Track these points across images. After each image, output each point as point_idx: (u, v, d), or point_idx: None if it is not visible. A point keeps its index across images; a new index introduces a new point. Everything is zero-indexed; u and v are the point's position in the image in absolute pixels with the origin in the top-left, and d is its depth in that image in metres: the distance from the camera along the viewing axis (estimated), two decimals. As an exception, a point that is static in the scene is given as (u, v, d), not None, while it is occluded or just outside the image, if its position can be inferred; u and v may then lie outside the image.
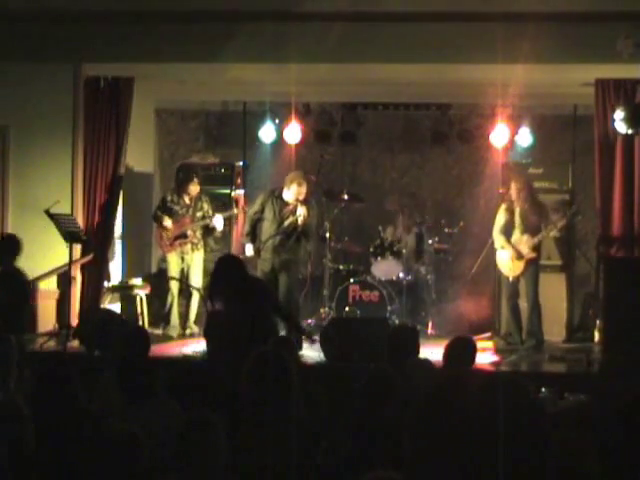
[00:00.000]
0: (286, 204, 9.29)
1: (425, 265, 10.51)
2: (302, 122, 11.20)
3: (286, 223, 9.26)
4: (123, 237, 10.96)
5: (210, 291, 7.48)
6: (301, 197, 9.26)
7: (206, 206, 9.91)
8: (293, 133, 11.11)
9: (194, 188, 9.86)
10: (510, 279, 9.49)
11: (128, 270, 10.94)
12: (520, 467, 2.35)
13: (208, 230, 9.96)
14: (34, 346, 8.37)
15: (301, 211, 9.21)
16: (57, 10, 9.20)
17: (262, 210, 9.38)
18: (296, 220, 9.21)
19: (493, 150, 11.18)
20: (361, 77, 10.03)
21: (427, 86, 10.39)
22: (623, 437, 3.88)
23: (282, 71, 9.61)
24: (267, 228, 9.33)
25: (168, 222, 9.75)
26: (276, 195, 9.36)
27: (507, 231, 9.45)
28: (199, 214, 9.83)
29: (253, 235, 9.44)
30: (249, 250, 9.41)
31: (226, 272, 7.05)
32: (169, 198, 9.92)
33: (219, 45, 9.05)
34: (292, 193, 9.26)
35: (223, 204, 10.62)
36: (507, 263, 9.42)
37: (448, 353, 5.83)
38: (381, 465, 3.65)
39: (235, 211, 10.46)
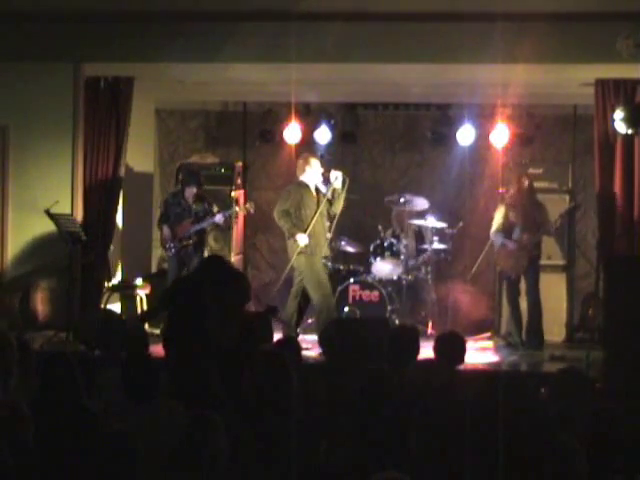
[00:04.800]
0: (317, 185, 9.37)
1: (425, 265, 10.51)
2: (302, 122, 11.22)
3: (328, 193, 9.33)
4: (123, 237, 10.95)
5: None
6: (322, 169, 9.37)
7: (207, 206, 9.90)
8: (293, 133, 11.13)
9: (190, 191, 9.84)
10: (512, 278, 9.48)
11: (128, 270, 10.93)
12: (522, 465, 2.36)
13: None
14: (34, 346, 8.37)
15: (336, 173, 9.29)
16: (57, 10, 9.19)
17: (297, 202, 9.31)
18: (334, 190, 9.30)
19: (493, 150, 11.18)
20: (361, 77, 10.03)
21: (427, 86, 10.39)
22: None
23: (282, 71, 9.61)
24: (308, 217, 9.28)
25: (167, 231, 9.74)
26: (303, 185, 9.37)
27: (506, 230, 9.45)
28: (201, 214, 9.81)
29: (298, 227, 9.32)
30: (304, 239, 9.22)
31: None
32: (170, 200, 9.91)
33: (219, 45, 9.05)
34: (313, 170, 9.34)
35: (223, 203, 10.60)
36: (509, 260, 9.41)
37: (437, 348, 5.87)
38: (381, 465, 3.66)
39: (237, 209, 10.36)
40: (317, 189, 9.43)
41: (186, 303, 6.42)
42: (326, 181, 9.43)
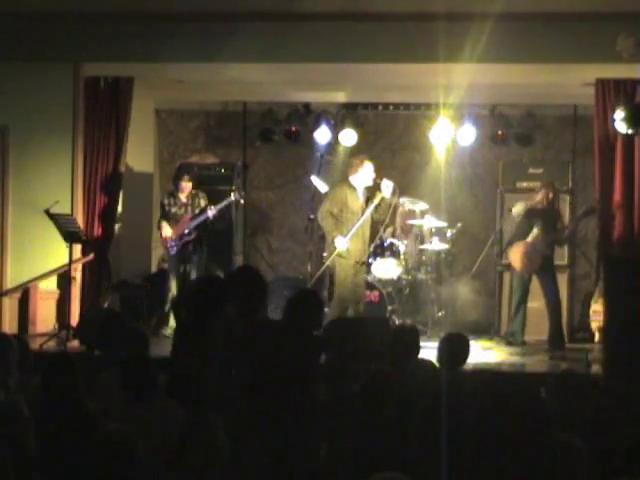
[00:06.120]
0: (365, 190, 9.11)
1: (425, 265, 10.51)
2: (302, 122, 11.23)
3: (376, 200, 9.06)
4: (123, 237, 10.95)
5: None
6: (374, 174, 9.09)
7: (203, 202, 9.91)
8: (293, 133, 11.15)
9: (186, 185, 9.85)
10: (524, 277, 9.48)
11: (128, 270, 10.93)
12: (524, 466, 2.36)
13: (207, 225, 9.94)
14: (34, 346, 8.37)
15: (388, 182, 9.01)
16: (57, 10, 9.19)
17: (341, 203, 9.04)
18: (382, 198, 9.03)
19: (492, 150, 11.19)
20: (361, 77, 10.02)
21: (427, 86, 10.38)
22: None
23: (282, 71, 9.61)
24: (350, 220, 9.01)
25: (167, 231, 9.76)
26: (349, 186, 9.09)
27: (523, 232, 9.47)
28: (197, 210, 9.84)
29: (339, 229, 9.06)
30: (343, 243, 8.95)
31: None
32: (166, 201, 9.94)
33: (219, 45, 9.05)
34: (366, 173, 9.03)
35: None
36: (522, 259, 9.41)
37: (441, 350, 5.86)
38: (381, 465, 3.66)
39: (233, 198, 10.25)
40: (366, 194, 9.16)
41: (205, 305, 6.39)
42: (376, 188, 9.12)
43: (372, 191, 9.16)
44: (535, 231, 9.42)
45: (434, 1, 8.87)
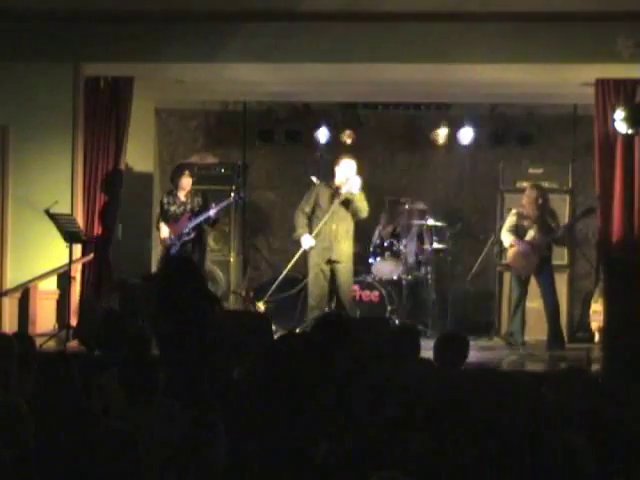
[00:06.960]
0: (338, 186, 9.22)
1: (425, 265, 10.51)
2: (302, 122, 11.24)
3: (342, 195, 9.16)
4: (123, 237, 10.95)
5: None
6: (353, 171, 9.21)
7: (202, 201, 9.91)
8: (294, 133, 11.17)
9: (186, 181, 9.85)
10: (522, 278, 9.49)
11: (128, 270, 10.92)
12: (523, 465, 2.36)
13: (209, 225, 9.93)
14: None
15: (355, 179, 9.12)
16: (57, 10, 9.19)
17: (315, 201, 9.24)
18: (350, 193, 9.12)
19: (492, 150, 11.18)
20: (361, 77, 10.02)
21: (427, 86, 10.39)
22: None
23: (282, 71, 9.61)
24: (321, 218, 9.18)
25: (165, 231, 9.77)
26: (324, 185, 9.33)
27: (518, 232, 9.47)
28: (197, 209, 9.83)
29: (308, 227, 9.26)
30: (307, 242, 9.19)
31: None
32: (165, 200, 9.94)
33: (219, 45, 9.05)
34: (340, 171, 9.22)
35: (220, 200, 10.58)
36: (520, 260, 9.42)
37: (438, 349, 5.86)
38: (381, 465, 3.66)
39: (232, 199, 10.27)
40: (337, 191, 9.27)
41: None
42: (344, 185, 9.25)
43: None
44: (531, 233, 9.42)
45: (435, 1, 8.88)
